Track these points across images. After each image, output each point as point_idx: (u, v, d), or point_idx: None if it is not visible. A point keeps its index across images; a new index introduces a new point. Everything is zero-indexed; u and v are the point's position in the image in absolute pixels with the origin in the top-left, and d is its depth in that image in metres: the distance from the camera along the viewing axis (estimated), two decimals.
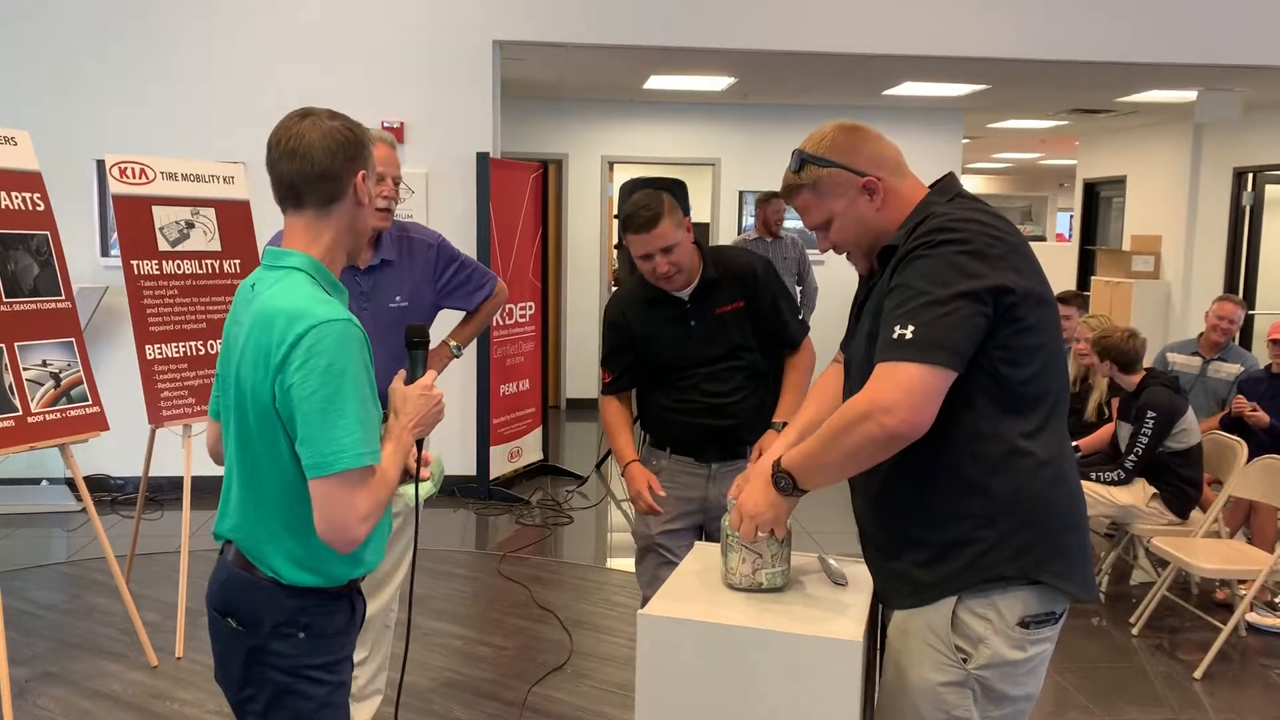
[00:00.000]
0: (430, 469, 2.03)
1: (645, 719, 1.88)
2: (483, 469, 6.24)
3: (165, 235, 4.47)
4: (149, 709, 3.54)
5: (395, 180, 2.80)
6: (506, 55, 6.47)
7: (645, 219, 2.74)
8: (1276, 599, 4.57)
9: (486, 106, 6.17)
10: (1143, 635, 4.36)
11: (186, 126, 6.00)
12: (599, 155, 9.12)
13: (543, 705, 3.61)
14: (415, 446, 1.91)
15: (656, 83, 7.92)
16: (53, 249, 3.92)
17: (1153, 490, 4.48)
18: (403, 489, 1.96)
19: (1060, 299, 5.19)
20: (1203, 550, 4.18)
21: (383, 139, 2.74)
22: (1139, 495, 4.49)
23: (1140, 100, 8.32)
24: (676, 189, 8.85)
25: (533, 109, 8.94)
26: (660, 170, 9.32)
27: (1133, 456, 4.44)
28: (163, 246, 4.45)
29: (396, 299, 2.96)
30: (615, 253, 9.56)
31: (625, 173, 9.60)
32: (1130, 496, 4.49)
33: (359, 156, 1.77)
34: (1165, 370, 5.66)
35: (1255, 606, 4.43)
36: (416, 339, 1.99)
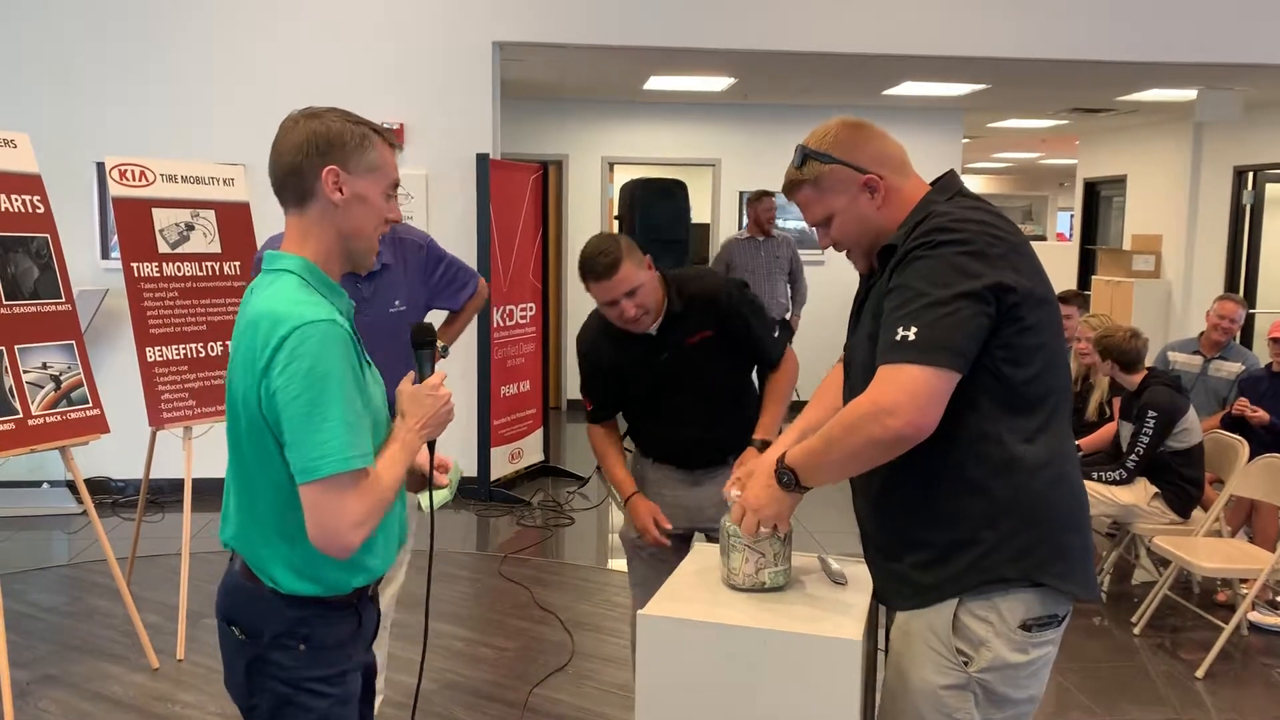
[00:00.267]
0: (448, 475, 1.97)
1: (646, 719, 1.88)
2: (484, 470, 6.24)
3: (165, 237, 4.47)
4: (150, 711, 3.54)
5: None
6: (506, 56, 6.47)
7: (605, 265, 2.58)
8: (1278, 598, 4.56)
9: (486, 107, 6.17)
10: (1144, 635, 4.35)
11: (186, 128, 6.00)
12: (599, 156, 9.12)
13: (544, 706, 3.61)
14: (428, 449, 1.88)
15: (656, 83, 7.92)
16: (53, 251, 3.92)
17: (1154, 489, 4.48)
18: (421, 496, 1.92)
19: (1061, 298, 5.18)
20: (1204, 549, 4.17)
21: None
22: (1140, 494, 4.48)
23: (1140, 99, 8.31)
24: (676, 190, 8.85)
25: (533, 110, 8.94)
26: (660, 171, 9.32)
27: (1134, 456, 4.43)
28: (163, 249, 4.45)
29: (396, 303, 2.95)
30: None
31: (625, 173, 9.59)
32: (1132, 496, 4.48)
33: (329, 152, 1.68)
34: (1166, 369, 5.66)
35: (1257, 605, 4.42)
36: (423, 339, 1.93)
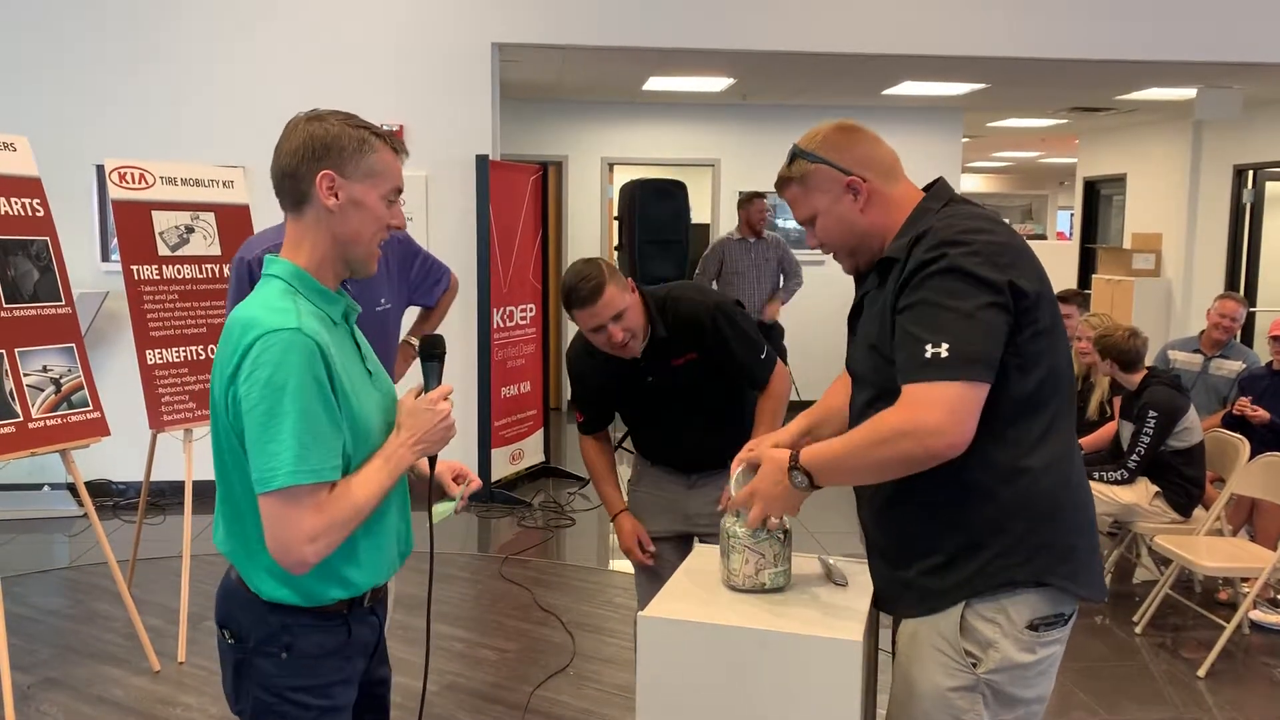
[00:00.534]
0: (459, 489, 1.92)
1: None
2: (484, 472, 6.24)
3: (165, 240, 4.47)
4: (151, 714, 3.54)
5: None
6: (505, 57, 6.47)
7: (589, 290, 2.53)
8: (1279, 596, 4.56)
9: (486, 109, 6.17)
10: (1146, 634, 4.35)
11: (186, 130, 6.01)
12: (599, 157, 9.12)
13: (545, 708, 3.61)
14: (429, 464, 1.86)
15: (656, 84, 7.92)
16: (53, 254, 3.92)
17: (1155, 489, 4.47)
18: (437, 507, 1.89)
19: (1061, 297, 5.19)
20: (1205, 548, 4.17)
21: None
22: (1142, 494, 4.48)
23: (1140, 98, 8.31)
24: (676, 190, 8.85)
25: (532, 111, 8.94)
26: (660, 171, 9.31)
27: (1135, 456, 4.43)
28: (162, 251, 4.45)
29: (382, 301, 2.93)
30: (615, 254, 9.55)
31: (625, 174, 9.59)
32: (1133, 495, 4.48)
33: (325, 157, 1.66)
34: (1167, 367, 5.66)
35: (1258, 604, 4.42)
36: (431, 350, 1.85)
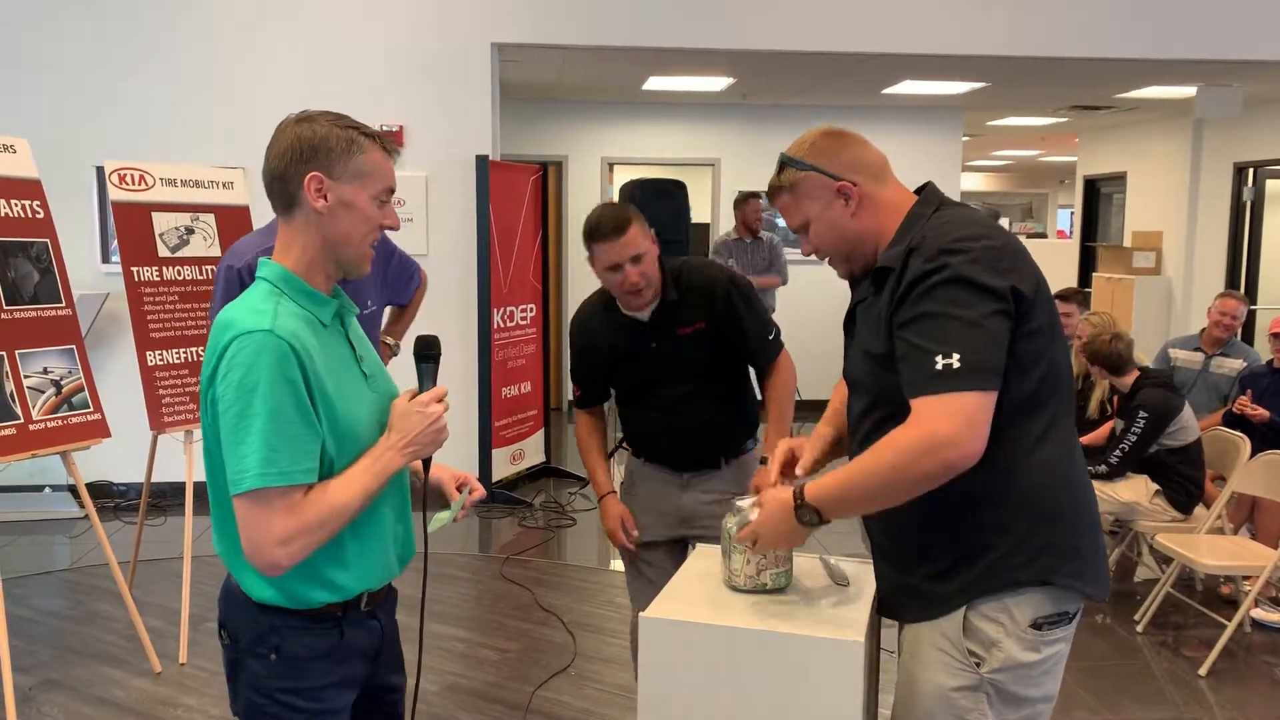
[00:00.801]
0: (459, 496, 1.89)
1: None
2: (485, 472, 6.24)
3: (165, 241, 4.47)
4: (152, 715, 3.54)
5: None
6: (505, 57, 6.47)
7: (617, 223, 2.59)
8: None
9: (485, 109, 6.17)
10: (1147, 632, 4.35)
11: (186, 131, 6.01)
12: (599, 157, 9.12)
13: (546, 708, 3.61)
14: (424, 467, 1.84)
15: (655, 84, 7.92)
16: (52, 256, 3.92)
17: (1155, 487, 4.48)
18: (437, 515, 1.88)
19: (1061, 296, 5.18)
20: (1207, 547, 4.17)
21: None
22: (1142, 492, 4.48)
23: (1140, 96, 8.31)
24: (676, 189, 8.85)
25: (532, 111, 8.94)
26: (660, 171, 9.30)
27: (1118, 452, 4.45)
28: (163, 252, 4.45)
29: (369, 304, 2.92)
30: None
31: (625, 174, 9.58)
32: (1133, 493, 4.48)
33: (312, 158, 1.65)
34: (1168, 365, 5.67)
35: (1260, 603, 4.42)
36: (425, 351, 1.82)
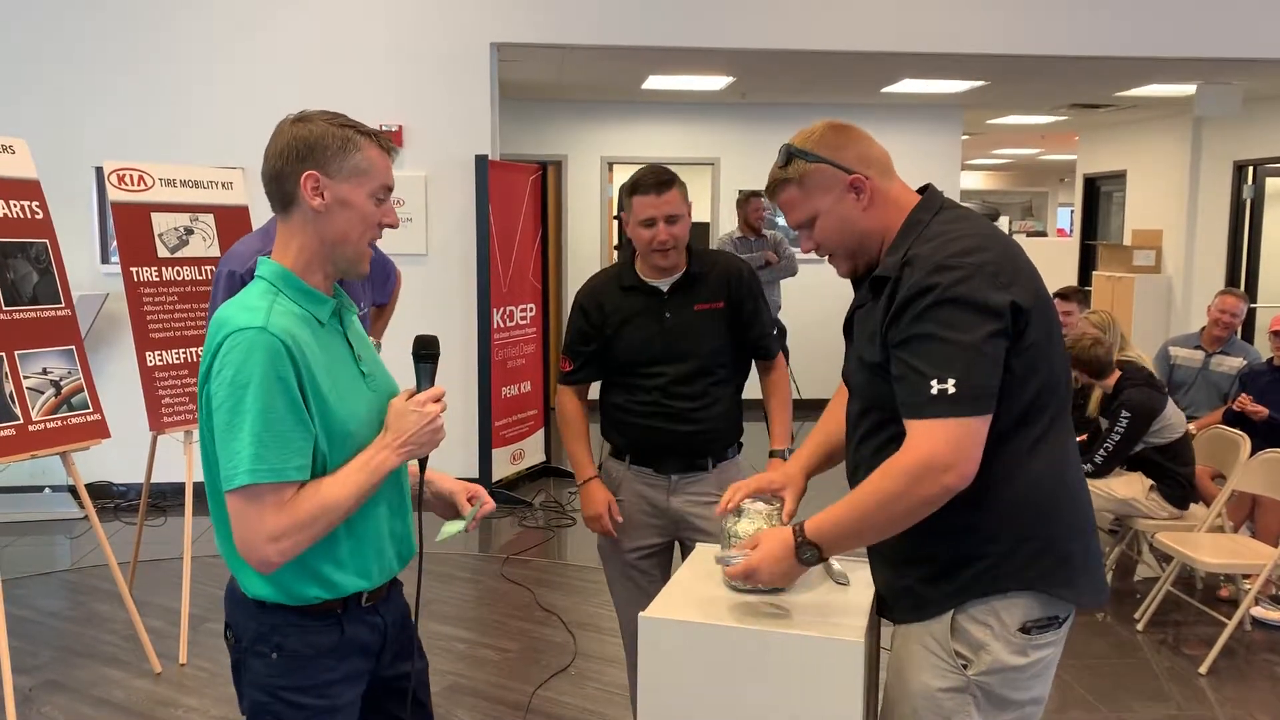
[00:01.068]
0: (471, 507, 1.87)
1: None
2: (485, 472, 6.24)
3: (164, 242, 4.47)
4: (153, 716, 3.54)
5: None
6: (504, 57, 6.47)
7: (660, 179, 2.66)
8: None
9: (485, 108, 6.17)
10: (1147, 631, 4.35)
11: (185, 131, 6.00)
12: (598, 156, 9.12)
13: (547, 708, 3.61)
14: (419, 467, 1.83)
15: (655, 83, 7.91)
16: (52, 257, 3.92)
17: (1150, 482, 4.50)
18: (449, 525, 1.87)
19: (1061, 295, 5.17)
20: (1207, 545, 4.17)
21: None
22: (1137, 488, 4.49)
23: (1140, 95, 8.31)
24: None
25: (531, 110, 8.94)
26: None
27: (1102, 451, 4.47)
28: (162, 253, 4.45)
29: (361, 305, 2.92)
30: (616, 254, 9.55)
31: (625, 173, 9.53)
32: (1128, 489, 4.50)
33: (308, 157, 1.66)
34: (1168, 364, 5.67)
35: (1260, 601, 4.42)
36: (423, 350, 1.80)
